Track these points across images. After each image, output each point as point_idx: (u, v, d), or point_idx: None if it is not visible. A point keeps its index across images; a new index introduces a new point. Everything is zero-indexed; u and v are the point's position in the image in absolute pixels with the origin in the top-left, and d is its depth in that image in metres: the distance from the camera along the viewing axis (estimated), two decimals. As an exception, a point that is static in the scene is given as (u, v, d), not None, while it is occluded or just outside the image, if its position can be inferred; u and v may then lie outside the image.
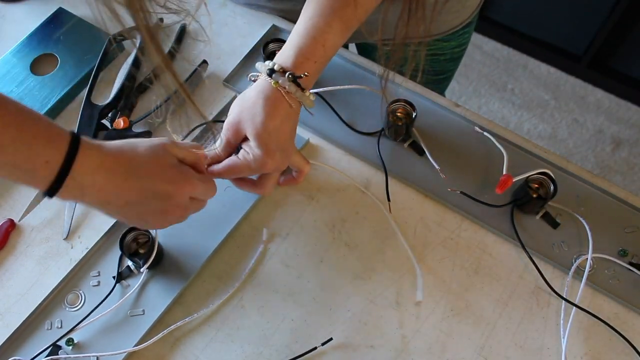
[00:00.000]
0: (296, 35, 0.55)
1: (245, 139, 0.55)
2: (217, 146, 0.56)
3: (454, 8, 0.76)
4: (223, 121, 0.69)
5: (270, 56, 0.70)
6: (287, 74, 0.53)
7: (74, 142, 0.44)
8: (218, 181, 0.63)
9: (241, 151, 0.55)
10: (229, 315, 0.59)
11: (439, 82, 0.91)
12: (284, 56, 0.55)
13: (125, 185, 0.47)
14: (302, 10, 0.56)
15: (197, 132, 0.69)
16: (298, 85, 0.54)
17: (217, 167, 0.56)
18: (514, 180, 0.60)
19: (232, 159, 0.55)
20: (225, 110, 0.70)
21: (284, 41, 0.69)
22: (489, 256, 0.62)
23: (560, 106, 1.77)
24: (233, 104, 0.56)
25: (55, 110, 0.71)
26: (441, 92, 0.95)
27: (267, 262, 0.62)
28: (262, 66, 0.55)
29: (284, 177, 0.62)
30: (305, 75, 0.54)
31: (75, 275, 0.61)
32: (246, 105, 0.54)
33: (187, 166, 0.52)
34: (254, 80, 0.56)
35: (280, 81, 0.53)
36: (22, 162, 0.42)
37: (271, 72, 0.54)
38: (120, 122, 0.67)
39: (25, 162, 0.42)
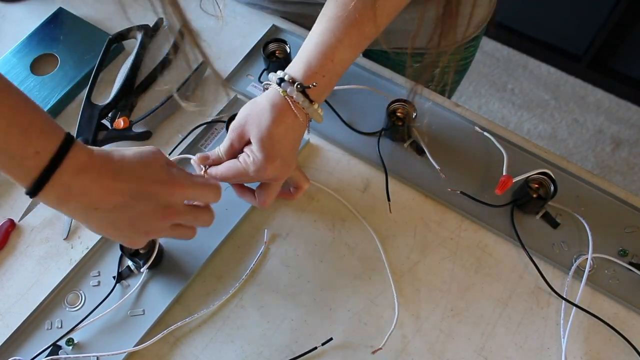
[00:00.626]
0: (306, 49, 0.55)
1: (249, 142, 0.55)
2: (220, 149, 0.56)
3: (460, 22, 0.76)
4: (223, 121, 0.69)
5: (270, 56, 0.70)
6: (295, 84, 0.54)
7: (68, 139, 0.43)
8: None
9: (242, 154, 0.55)
10: (229, 315, 0.59)
11: (441, 93, 0.91)
12: (293, 69, 0.55)
13: (114, 187, 0.46)
14: (315, 24, 0.56)
15: (197, 131, 0.69)
16: (306, 96, 0.54)
17: (216, 169, 0.56)
18: (514, 181, 0.60)
19: (233, 161, 0.56)
20: (225, 110, 0.71)
21: (284, 41, 0.70)
22: (489, 256, 0.62)
23: (560, 106, 1.77)
24: (243, 107, 0.56)
25: (55, 110, 0.71)
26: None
27: (267, 262, 0.62)
28: (274, 76, 0.55)
29: (281, 189, 0.62)
30: (314, 86, 0.54)
31: (75, 275, 0.61)
32: (254, 110, 0.55)
33: (180, 169, 0.51)
34: (266, 89, 0.56)
35: (288, 90, 0.54)
36: (13, 146, 0.41)
37: (281, 81, 0.54)
38: (120, 122, 0.67)
39: (16, 146, 0.41)
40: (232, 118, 0.64)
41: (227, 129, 0.64)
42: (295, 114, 0.54)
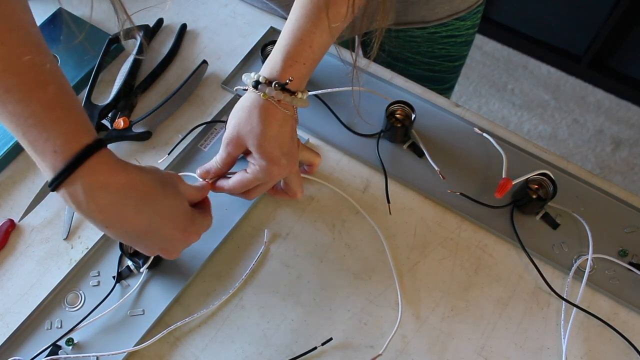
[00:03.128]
0: (283, 38, 0.54)
1: (248, 151, 0.56)
2: (217, 160, 0.57)
3: None
4: (223, 121, 0.69)
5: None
6: (273, 83, 0.53)
7: (93, 146, 0.42)
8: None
9: (249, 165, 0.56)
10: (229, 315, 0.59)
11: (455, 70, 0.89)
12: (272, 61, 0.55)
13: (133, 218, 0.45)
14: (290, 11, 0.55)
15: (197, 131, 0.69)
16: (287, 91, 0.54)
17: (226, 184, 0.57)
18: (513, 183, 0.60)
19: (240, 173, 0.56)
20: (224, 111, 0.71)
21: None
22: (489, 256, 0.62)
23: (560, 106, 1.77)
24: (229, 117, 0.56)
25: (55, 110, 0.71)
26: (454, 82, 0.93)
27: (267, 262, 0.62)
28: (248, 79, 0.55)
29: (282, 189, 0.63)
30: (290, 80, 0.54)
31: (75, 275, 0.61)
32: (242, 118, 0.54)
33: (195, 211, 0.52)
34: (245, 90, 0.56)
35: (267, 91, 0.53)
36: (33, 136, 0.40)
37: (257, 83, 0.54)
38: (120, 122, 0.67)
39: (36, 138, 0.40)
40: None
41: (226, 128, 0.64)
42: (283, 111, 0.54)
